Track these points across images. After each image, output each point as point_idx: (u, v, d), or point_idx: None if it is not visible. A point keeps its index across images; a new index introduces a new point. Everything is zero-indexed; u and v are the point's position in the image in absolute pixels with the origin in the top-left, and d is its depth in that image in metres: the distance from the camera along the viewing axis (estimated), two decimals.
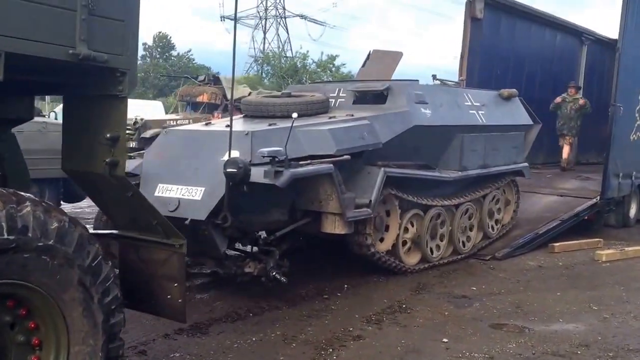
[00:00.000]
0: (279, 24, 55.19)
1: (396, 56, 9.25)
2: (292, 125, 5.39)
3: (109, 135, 3.32)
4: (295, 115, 5.45)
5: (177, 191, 5.42)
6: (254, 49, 54.38)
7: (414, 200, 6.72)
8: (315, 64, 39.57)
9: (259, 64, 47.03)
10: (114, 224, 4.04)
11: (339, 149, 5.75)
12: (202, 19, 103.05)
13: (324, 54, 41.07)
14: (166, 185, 5.50)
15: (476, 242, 7.91)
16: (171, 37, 56.29)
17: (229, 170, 4.87)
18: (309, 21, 54.21)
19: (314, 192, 5.74)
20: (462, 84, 10.13)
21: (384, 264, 6.49)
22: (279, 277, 5.47)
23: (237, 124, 6.22)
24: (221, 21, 52.62)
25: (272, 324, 5.15)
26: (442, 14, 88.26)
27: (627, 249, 8.30)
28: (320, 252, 6.99)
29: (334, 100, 7.11)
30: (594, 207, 9.41)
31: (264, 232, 5.99)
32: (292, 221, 5.89)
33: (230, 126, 4.99)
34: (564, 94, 12.59)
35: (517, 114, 8.69)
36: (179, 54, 55.85)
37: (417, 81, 7.67)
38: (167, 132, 6.16)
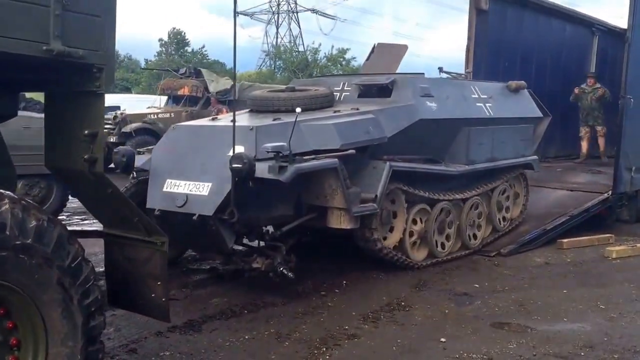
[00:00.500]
0: (291, 18, 55.18)
1: (401, 49, 9.08)
2: (296, 119, 5.36)
3: (87, 131, 3.26)
4: (299, 109, 5.44)
5: (185, 187, 5.43)
6: (267, 44, 54.43)
7: (420, 194, 6.61)
8: (325, 58, 39.47)
9: (270, 58, 47.00)
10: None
11: (344, 144, 5.71)
12: (217, 15, 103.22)
13: (334, 47, 40.96)
14: (174, 180, 5.52)
15: (485, 236, 7.76)
16: (185, 33, 56.33)
17: (234, 165, 4.90)
18: (320, 15, 54.18)
19: (319, 187, 5.70)
20: (468, 77, 9.96)
21: (391, 260, 6.38)
22: (286, 272, 5.48)
23: (242, 119, 6.23)
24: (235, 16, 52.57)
25: (266, 321, 5.03)
26: (454, 7, 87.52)
27: (639, 245, 8.06)
28: (320, 247, 6.86)
29: (338, 94, 7.03)
30: (605, 202, 9.17)
31: (271, 227, 5.94)
32: (298, 216, 5.86)
33: (233, 121, 5.05)
34: (583, 84, 12.39)
35: (526, 106, 8.52)
36: (193, 49, 55.89)
37: (423, 74, 7.56)
38: (174, 127, 6.14)
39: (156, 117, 14.96)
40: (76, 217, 9.35)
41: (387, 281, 6.25)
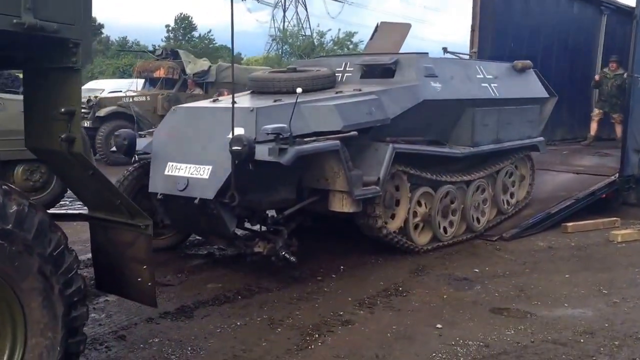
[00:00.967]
0: (298, 1, 54.65)
1: (405, 28, 8.89)
2: (297, 100, 5.25)
3: (63, 109, 3.13)
4: (299, 90, 5.31)
5: (186, 170, 5.37)
6: (274, 28, 54.01)
7: (424, 176, 6.50)
8: (332, 42, 39.16)
9: (277, 43, 46.69)
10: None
11: (346, 125, 5.61)
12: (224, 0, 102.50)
13: (341, 30, 40.62)
14: (175, 164, 5.46)
15: (490, 218, 7.64)
16: (192, 18, 56.02)
17: (234, 148, 4.82)
18: None
19: (321, 169, 5.61)
20: (473, 57, 9.77)
21: (394, 244, 6.28)
22: (288, 256, 5.42)
23: (243, 100, 6.14)
24: (242, 0, 52.21)
25: (260, 307, 4.94)
26: None
27: None
28: (319, 231, 6.76)
29: (341, 74, 6.92)
30: (612, 185, 8.99)
31: (273, 211, 5.87)
32: (301, 200, 5.78)
33: (232, 103, 4.97)
34: (605, 68, 12.09)
35: (532, 86, 8.35)
36: (200, 35, 55.62)
37: (427, 54, 7.38)
38: (175, 109, 6.04)
39: (131, 100, 14.43)
40: (79, 203, 9.25)
41: (386, 266, 6.14)
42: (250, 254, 5.61)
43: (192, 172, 5.31)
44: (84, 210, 3.84)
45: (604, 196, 8.91)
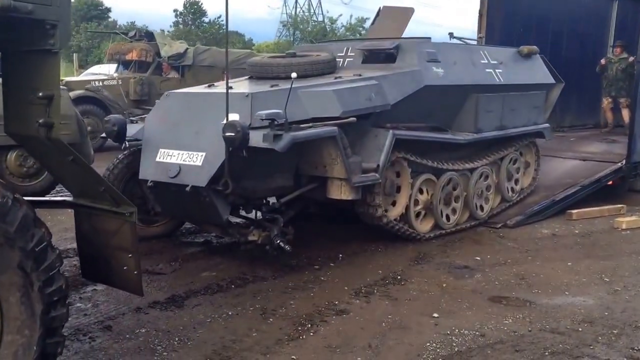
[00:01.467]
0: None
1: (407, 12, 8.77)
2: (292, 86, 5.13)
3: (41, 94, 3.03)
4: (294, 75, 5.18)
5: (178, 156, 5.27)
6: (286, 14, 53.77)
7: (425, 163, 6.39)
8: (344, 27, 38.90)
9: (287, 29, 46.48)
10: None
11: (345, 111, 5.48)
12: None
13: (352, 16, 40.33)
14: (167, 150, 5.35)
15: (494, 206, 7.52)
16: (202, 3, 55.82)
17: (227, 134, 4.70)
18: None
19: (318, 156, 5.51)
20: (480, 43, 9.61)
21: (395, 232, 6.19)
22: (283, 245, 5.30)
23: (240, 85, 6.03)
24: None
25: (253, 296, 4.85)
26: None
27: None
28: (318, 219, 6.67)
29: (342, 60, 6.79)
30: (618, 172, 8.82)
31: (274, 199, 5.77)
32: (298, 187, 5.68)
33: (226, 88, 4.86)
34: (609, 54, 11.92)
35: (538, 72, 8.18)
36: (210, 20, 55.46)
37: (429, 39, 7.24)
38: (168, 94, 5.93)
39: (101, 84, 13.70)
40: None
41: (386, 254, 6.03)
42: (244, 242, 5.50)
43: (184, 158, 5.21)
44: (69, 197, 3.75)
45: (610, 183, 8.74)
